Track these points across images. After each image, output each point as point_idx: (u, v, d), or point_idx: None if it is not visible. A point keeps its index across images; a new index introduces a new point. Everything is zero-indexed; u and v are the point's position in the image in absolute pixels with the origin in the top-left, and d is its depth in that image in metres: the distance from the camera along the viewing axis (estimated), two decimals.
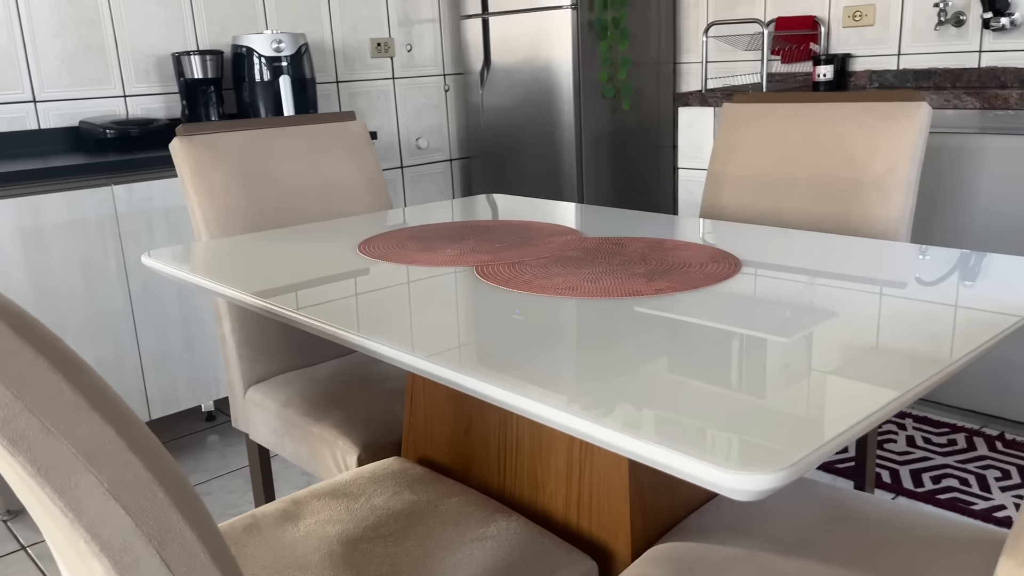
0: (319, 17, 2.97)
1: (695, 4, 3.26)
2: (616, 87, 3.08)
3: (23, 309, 0.52)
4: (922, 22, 2.68)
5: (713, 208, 1.79)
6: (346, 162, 1.83)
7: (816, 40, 2.91)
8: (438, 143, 3.43)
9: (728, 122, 1.82)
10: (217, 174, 1.64)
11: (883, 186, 1.57)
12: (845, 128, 1.65)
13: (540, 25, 3.01)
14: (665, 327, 0.90)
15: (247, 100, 2.65)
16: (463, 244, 1.36)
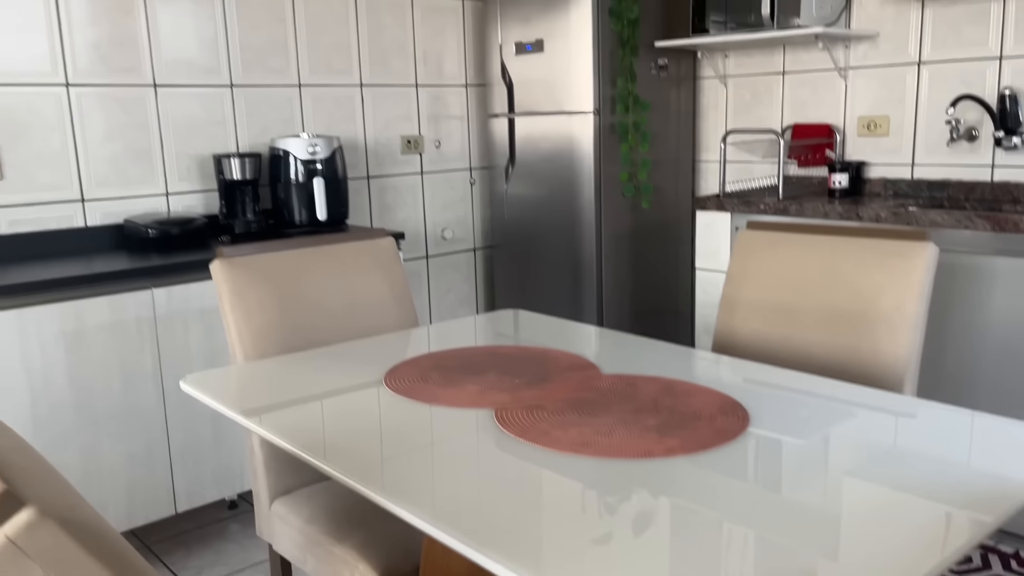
0: (353, 117, 3.11)
1: (714, 106, 3.38)
2: (636, 186, 3.18)
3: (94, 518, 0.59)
4: (935, 136, 2.76)
5: (726, 333, 1.85)
6: (375, 278, 1.92)
7: (832, 147, 3.00)
8: (462, 233, 3.53)
9: (742, 248, 1.89)
10: (253, 294, 1.73)
11: (892, 323, 1.62)
12: (856, 262, 1.71)
13: (564, 126, 3.12)
14: (672, 502, 0.96)
15: (282, 198, 2.77)
16: (484, 378, 1.43)
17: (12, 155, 2.39)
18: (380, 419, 1.26)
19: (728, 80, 3.31)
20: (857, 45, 2.91)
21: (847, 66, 2.95)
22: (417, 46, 3.26)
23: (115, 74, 2.54)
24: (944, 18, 2.69)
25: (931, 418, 1.22)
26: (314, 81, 2.99)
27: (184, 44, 2.66)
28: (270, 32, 2.85)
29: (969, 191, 2.69)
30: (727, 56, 3.30)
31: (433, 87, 3.34)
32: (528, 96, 3.24)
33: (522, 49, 3.21)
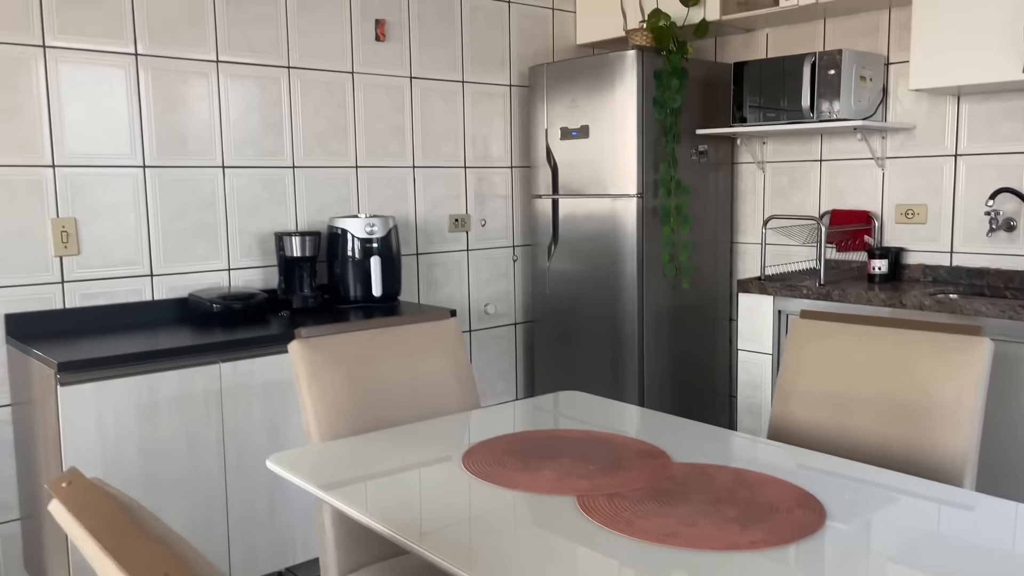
0: (405, 196, 3.23)
1: (752, 190, 3.48)
2: (677, 267, 3.26)
3: None
4: (973, 225, 2.83)
5: (783, 421, 1.90)
6: (441, 360, 1.99)
7: (870, 233, 3.08)
8: (504, 308, 3.62)
9: (797, 337, 1.95)
10: (328, 374, 1.81)
11: (951, 416, 1.67)
12: (911, 354, 1.76)
13: (607, 208, 3.23)
14: None
15: (338, 274, 2.87)
16: (559, 463, 1.48)
17: (89, 231, 2.51)
18: (463, 502, 1.32)
19: (766, 166, 3.43)
20: (894, 136, 3.02)
21: (884, 156, 3.05)
22: (467, 130, 3.41)
23: (187, 157, 2.68)
24: (979, 114, 2.79)
25: (1001, 513, 1.26)
26: (370, 163, 3.12)
27: (251, 128, 2.81)
28: (330, 117, 3.00)
29: (1009, 279, 2.75)
30: (765, 143, 3.42)
31: (480, 168, 3.47)
32: (572, 178, 3.36)
33: (568, 134, 3.34)
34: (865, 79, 2.90)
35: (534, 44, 3.60)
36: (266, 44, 2.83)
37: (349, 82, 3.04)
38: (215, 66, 2.72)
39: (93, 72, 2.49)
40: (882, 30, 3.03)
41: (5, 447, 2.43)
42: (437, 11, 3.26)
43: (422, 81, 3.25)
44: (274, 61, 2.85)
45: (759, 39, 3.41)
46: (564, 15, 3.69)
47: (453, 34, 3.32)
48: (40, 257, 2.44)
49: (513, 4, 3.51)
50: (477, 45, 3.40)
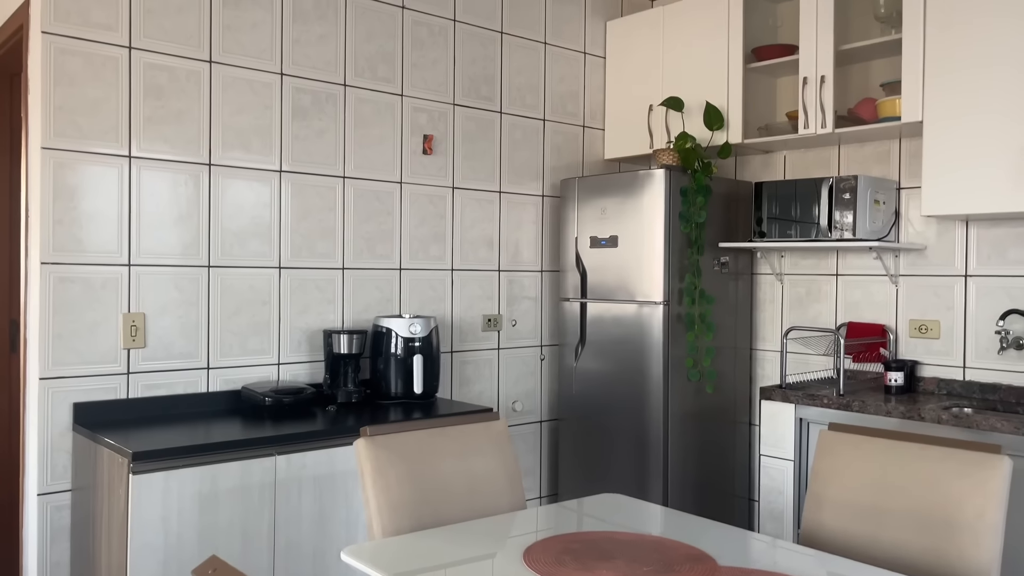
0: (443, 297, 3.41)
1: (770, 300, 3.66)
2: (700, 372, 3.41)
3: None
4: (985, 342, 2.99)
5: (815, 527, 2.01)
6: (492, 459, 2.12)
7: (885, 346, 3.24)
8: (531, 406, 3.74)
9: (825, 448, 2.08)
10: (392, 471, 1.94)
11: (974, 530, 1.79)
12: (936, 469, 1.89)
13: (633, 313, 3.40)
14: None
15: (381, 370, 3.02)
16: (614, 564, 1.60)
17: (155, 327, 2.68)
18: None
19: (784, 277, 3.62)
20: (906, 255, 3.22)
21: (898, 273, 3.24)
22: (501, 236, 3.62)
23: (248, 258, 2.87)
24: (987, 238, 2.99)
25: None
26: (412, 265, 3.32)
27: (307, 232, 3.01)
28: (379, 223, 3.21)
29: (1020, 395, 2.88)
30: (783, 256, 3.62)
31: (512, 272, 3.66)
32: (600, 283, 3.54)
33: (597, 243, 3.55)
34: (879, 202, 3.12)
35: (566, 158, 3.85)
36: (325, 156, 3.06)
37: (397, 191, 3.27)
38: (278, 176, 2.95)
39: (171, 178, 2.71)
40: (893, 157, 3.27)
41: (62, 532, 2.52)
42: (479, 128, 3.52)
43: (462, 191, 3.48)
44: (331, 171, 3.08)
45: (778, 160, 3.66)
46: (594, 132, 3.96)
47: (492, 148, 3.57)
48: (110, 349, 2.60)
49: (548, 122, 3.77)
50: (513, 158, 3.65)
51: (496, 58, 3.58)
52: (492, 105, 3.57)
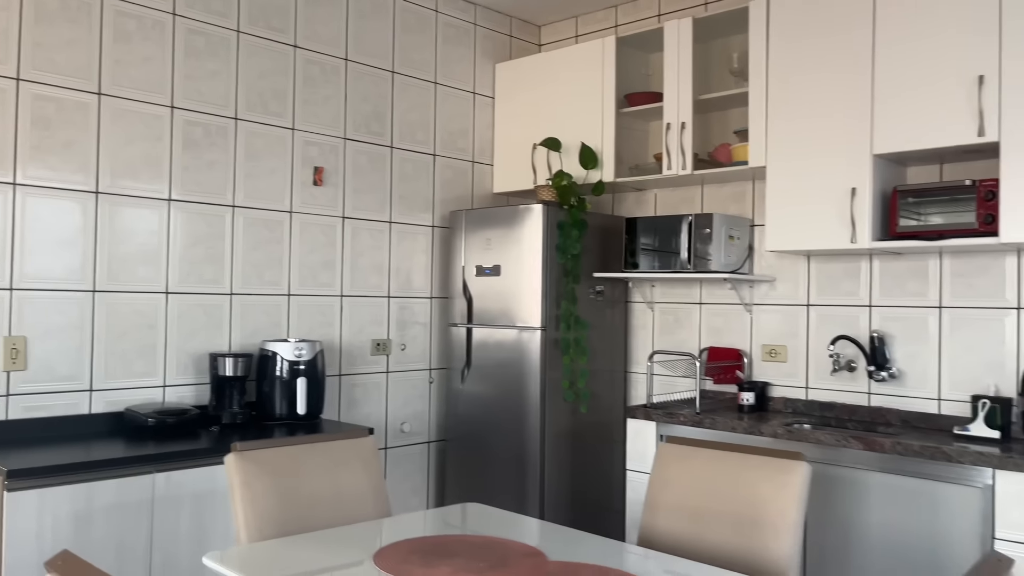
0: (332, 322, 3.56)
1: (643, 326, 3.94)
2: (576, 393, 3.64)
3: None
4: (823, 365, 3.33)
5: (649, 529, 2.24)
6: (359, 473, 2.28)
7: (741, 369, 3.54)
8: (419, 427, 3.90)
9: (662, 459, 2.32)
10: (259, 483, 2.08)
11: (778, 527, 2.04)
12: (751, 474, 2.15)
13: (515, 338, 3.62)
14: None
15: (266, 392, 3.14)
16: (454, 562, 1.78)
17: (37, 349, 2.74)
18: None
19: (654, 306, 3.90)
20: (759, 286, 3.54)
21: (752, 302, 3.56)
22: (392, 264, 3.79)
23: (135, 283, 2.96)
24: (825, 272, 3.34)
25: None
26: (302, 291, 3.45)
27: (195, 258, 3.12)
28: (268, 251, 3.34)
29: (852, 412, 3.22)
30: (653, 286, 3.91)
31: (402, 298, 3.84)
32: (485, 309, 3.75)
33: (482, 272, 3.76)
34: (733, 238, 3.43)
35: (456, 190, 4.06)
36: (215, 186, 3.18)
37: (287, 220, 3.41)
38: (167, 204, 3.05)
39: (57, 205, 2.79)
40: (748, 197, 3.60)
41: None
42: (370, 161, 3.70)
43: (353, 220, 3.64)
44: (221, 200, 3.20)
45: (650, 197, 3.96)
46: (483, 167, 4.19)
47: (383, 181, 3.75)
48: None
49: (438, 156, 3.98)
50: (404, 190, 3.84)
51: (387, 96, 3.78)
52: (383, 140, 3.76)
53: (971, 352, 2.96)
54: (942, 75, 2.73)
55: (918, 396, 3.08)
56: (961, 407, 2.97)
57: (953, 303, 3.01)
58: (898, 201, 2.87)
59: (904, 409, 3.10)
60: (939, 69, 2.74)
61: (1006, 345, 2.89)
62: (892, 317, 3.15)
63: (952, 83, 2.71)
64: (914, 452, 2.58)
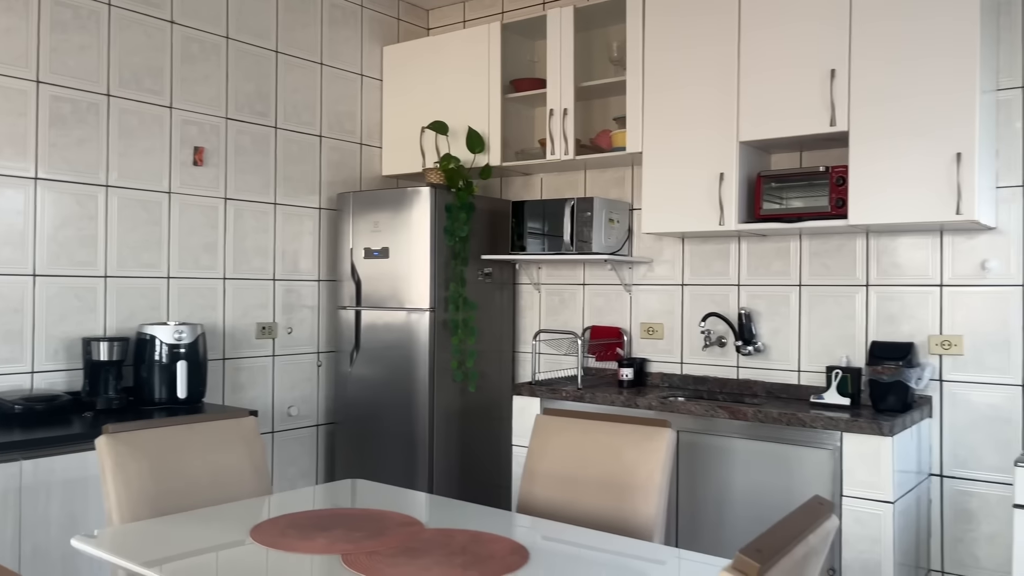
0: (215, 305, 3.49)
1: (530, 307, 4.04)
2: (464, 373, 3.71)
3: None
4: (696, 341, 3.51)
5: (527, 497, 2.33)
6: (239, 453, 2.27)
7: (621, 346, 3.70)
8: (307, 411, 3.89)
9: (540, 430, 2.42)
10: (133, 465, 2.05)
11: (645, 490, 2.17)
12: (620, 441, 2.27)
13: (404, 320, 3.65)
14: None
15: (144, 377, 3.06)
16: (332, 533, 1.82)
17: None
18: (250, 565, 1.61)
19: (541, 287, 4.01)
20: (638, 267, 3.70)
21: (631, 283, 3.72)
22: (277, 246, 3.75)
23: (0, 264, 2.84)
24: (698, 253, 3.52)
25: (659, 555, 1.74)
26: (182, 274, 3.38)
27: (65, 240, 3.01)
28: (145, 232, 3.25)
29: (722, 385, 3.42)
30: (540, 268, 4.02)
31: (289, 281, 3.80)
32: (374, 292, 3.77)
33: (370, 254, 3.77)
34: (613, 221, 3.57)
35: (344, 173, 4.05)
36: (86, 164, 3.07)
37: (165, 201, 3.32)
38: (33, 183, 2.93)
39: None
40: (627, 182, 3.75)
41: None
42: (253, 142, 3.64)
43: (236, 202, 3.58)
44: (93, 180, 3.09)
45: (536, 181, 4.06)
46: (372, 149, 4.19)
47: (267, 162, 3.70)
48: None
49: (325, 138, 3.96)
50: (290, 172, 3.80)
51: (271, 76, 3.72)
52: (267, 120, 3.70)
53: (826, 327, 3.20)
54: (800, 69, 2.93)
55: (781, 368, 3.30)
56: (818, 377, 3.21)
57: (811, 282, 3.24)
58: (762, 186, 3.06)
59: (768, 381, 3.32)
60: (797, 63, 2.93)
61: (856, 320, 3.14)
62: (758, 295, 3.36)
63: (808, 76, 2.91)
64: (773, 419, 2.77)
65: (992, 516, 2.87)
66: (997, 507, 2.86)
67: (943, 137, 2.64)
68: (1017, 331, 2.83)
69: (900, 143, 2.72)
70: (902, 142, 2.72)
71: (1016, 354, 2.83)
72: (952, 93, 2.63)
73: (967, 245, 2.93)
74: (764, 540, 1.11)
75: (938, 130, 2.65)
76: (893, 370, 2.81)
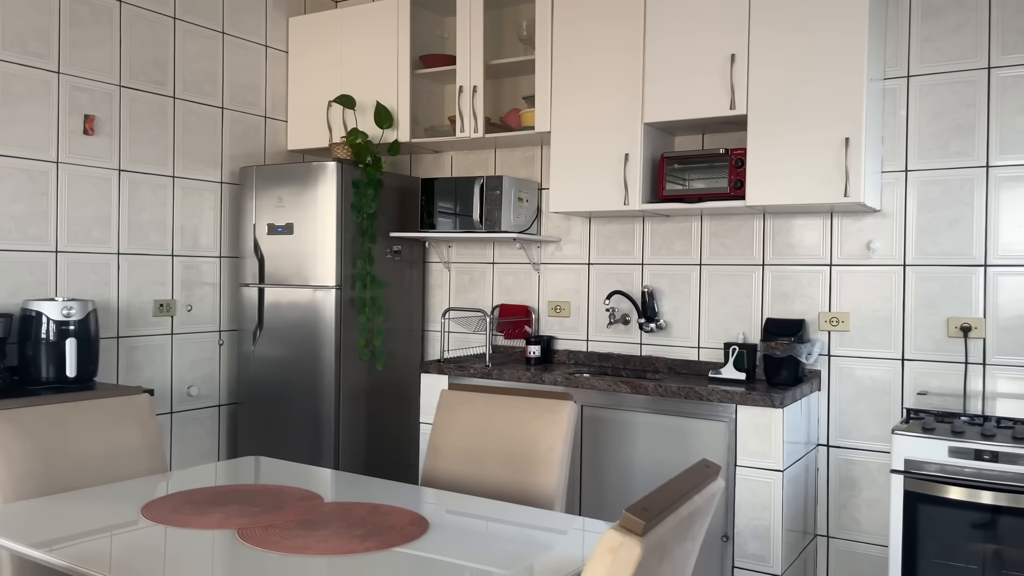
0: (108, 281, 3.35)
1: (439, 286, 4.04)
2: (372, 351, 3.68)
3: None
4: (601, 319, 3.58)
5: (431, 472, 2.34)
6: (132, 431, 2.19)
7: (529, 324, 3.74)
8: (208, 390, 3.78)
9: (444, 405, 2.42)
10: (16, 445, 1.95)
11: (547, 461, 2.21)
12: (524, 415, 2.30)
13: (309, 297, 3.59)
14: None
15: (30, 355, 2.91)
16: (228, 508, 1.78)
17: None
18: (140, 541, 1.57)
19: (451, 265, 4.01)
20: (546, 246, 3.74)
21: (539, 262, 3.75)
22: (176, 221, 3.61)
23: None
24: (603, 233, 3.58)
25: (557, 523, 1.78)
26: (72, 248, 3.22)
27: None
28: (31, 203, 3.08)
29: (626, 362, 3.50)
30: (450, 246, 4.01)
31: (189, 257, 3.68)
32: (278, 269, 3.68)
33: (274, 230, 3.68)
34: (522, 200, 3.59)
35: (247, 146, 3.93)
36: None
37: (53, 171, 3.15)
38: None
39: None
40: (537, 161, 3.78)
41: None
42: (150, 111, 3.49)
43: (131, 174, 3.43)
44: None
45: (446, 159, 4.04)
46: (277, 123, 4.08)
47: (165, 133, 3.56)
48: None
49: (227, 110, 3.83)
50: (189, 144, 3.66)
51: (169, 43, 3.57)
52: (164, 90, 3.55)
53: (725, 304, 3.32)
54: (702, 53, 3.01)
55: (682, 345, 3.41)
56: (716, 354, 3.33)
57: (711, 261, 3.35)
58: (665, 167, 3.13)
59: (670, 357, 3.41)
60: (700, 48, 3.01)
61: (752, 298, 3.26)
62: (661, 274, 3.45)
63: (710, 61, 2.99)
64: (673, 393, 2.86)
65: (873, 483, 3.04)
66: (877, 474, 3.04)
67: (832, 123, 2.77)
68: (898, 308, 3.01)
69: (793, 127, 2.83)
70: (795, 126, 2.83)
71: (897, 330, 3.00)
72: (841, 80, 2.75)
73: (854, 227, 3.08)
74: (650, 499, 1.15)
75: (828, 116, 2.77)
76: (785, 346, 2.94)
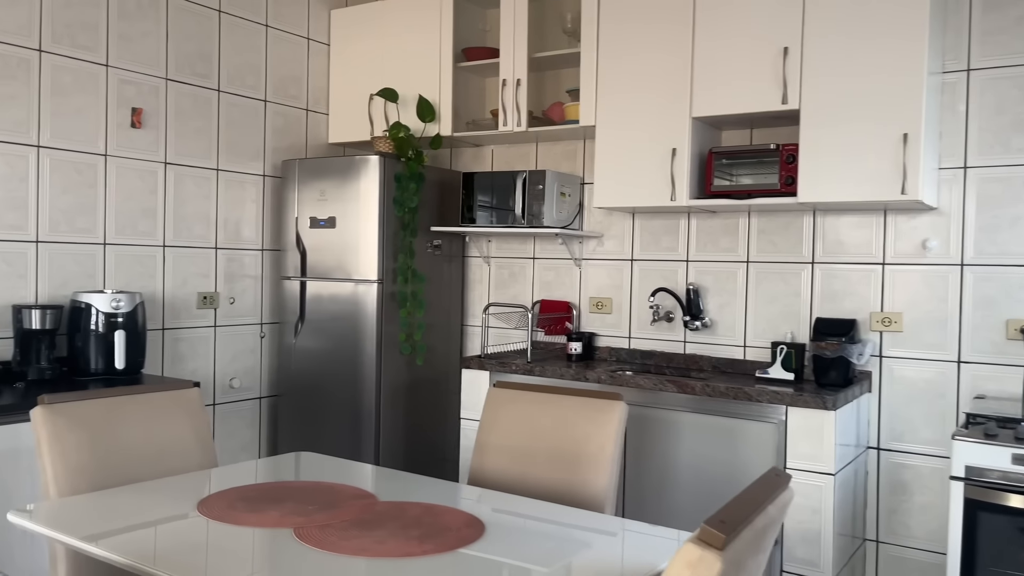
0: (153, 274, 3.37)
1: (479, 280, 4.01)
2: (412, 346, 3.67)
3: None
4: (644, 316, 3.54)
5: (478, 470, 2.32)
6: (183, 425, 2.20)
7: (570, 320, 3.70)
8: (250, 383, 3.80)
9: (491, 402, 2.40)
10: (70, 437, 1.96)
11: (598, 461, 2.18)
12: (572, 414, 2.27)
13: (351, 291, 3.59)
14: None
15: (79, 347, 2.94)
16: (283, 506, 1.77)
17: None
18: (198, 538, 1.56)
19: (491, 260, 3.98)
20: (588, 242, 3.70)
21: (581, 257, 3.72)
22: (219, 214, 3.63)
23: None
24: (647, 228, 3.54)
25: (611, 526, 1.75)
26: (119, 241, 3.24)
27: None
28: (79, 196, 3.11)
29: (669, 360, 3.46)
30: (490, 241, 3.99)
31: (231, 250, 3.69)
32: (319, 262, 3.68)
33: (316, 223, 3.68)
34: (564, 194, 3.56)
35: (288, 139, 3.93)
36: (15, 123, 2.91)
37: (101, 164, 3.18)
38: None
39: None
40: (579, 156, 3.73)
41: None
42: (195, 105, 3.51)
43: (176, 167, 3.45)
44: (23, 140, 2.93)
45: (487, 153, 4.01)
46: (318, 116, 4.08)
47: (209, 126, 3.57)
48: None
49: (269, 103, 3.83)
50: (233, 137, 3.67)
51: (214, 36, 3.58)
52: (209, 83, 3.56)
53: (772, 303, 3.26)
54: (754, 46, 2.94)
55: (727, 343, 3.35)
56: (763, 353, 3.27)
57: (758, 258, 3.29)
58: (713, 162, 3.08)
59: (715, 356, 3.36)
60: (751, 40, 2.95)
61: (801, 297, 3.20)
62: (706, 271, 3.40)
63: (762, 54, 2.93)
64: (720, 393, 2.82)
65: (925, 487, 2.98)
66: (929, 479, 2.97)
67: (891, 118, 2.69)
68: (954, 309, 2.93)
69: (849, 122, 2.76)
70: (851, 121, 2.76)
71: (952, 331, 2.93)
72: (901, 74, 2.68)
73: (909, 225, 3.01)
74: (727, 511, 1.11)
75: (886, 111, 2.70)
76: (836, 346, 2.87)
